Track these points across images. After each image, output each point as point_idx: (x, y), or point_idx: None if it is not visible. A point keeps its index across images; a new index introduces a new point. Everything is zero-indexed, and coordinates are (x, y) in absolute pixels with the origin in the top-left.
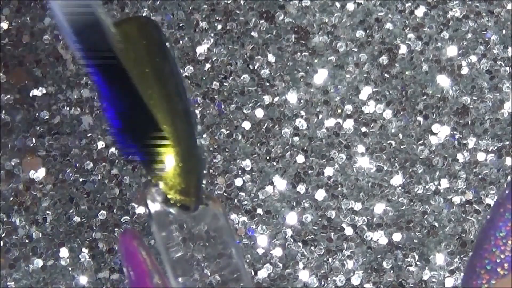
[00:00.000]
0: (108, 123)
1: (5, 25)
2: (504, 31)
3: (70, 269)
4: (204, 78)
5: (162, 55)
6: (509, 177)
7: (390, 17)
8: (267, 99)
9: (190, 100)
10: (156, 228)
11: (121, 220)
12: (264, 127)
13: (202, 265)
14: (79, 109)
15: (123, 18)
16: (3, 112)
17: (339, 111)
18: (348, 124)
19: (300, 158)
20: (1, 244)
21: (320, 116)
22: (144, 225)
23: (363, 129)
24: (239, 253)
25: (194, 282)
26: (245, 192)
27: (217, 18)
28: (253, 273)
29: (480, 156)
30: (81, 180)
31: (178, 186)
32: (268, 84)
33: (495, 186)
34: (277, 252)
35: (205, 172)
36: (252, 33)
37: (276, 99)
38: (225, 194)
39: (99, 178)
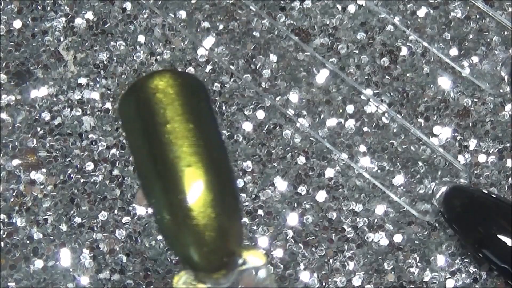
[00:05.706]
0: None
1: (6, 26)
2: (505, 33)
3: (71, 270)
4: (205, 79)
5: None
6: (510, 179)
7: (391, 19)
8: (268, 100)
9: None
10: None
11: (122, 221)
12: (265, 128)
13: None
14: (80, 110)
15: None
16: (4, 112)
17: (341, 110)
18: (349, 124)
19: (301, 159)
20: (2, 245)
21: (322, 116)
22: (145, 225)
23: (365, 129)
24: None
25: None
26: (246, 193)
27: (219, 18)
28: (253, 273)
29: (481, 158)
30: (82, 181)
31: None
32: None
33: (496, 188)
34: (278, 253)
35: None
36: (254, 33)
37: (277, 99)
38: None
39: (100, 179)
